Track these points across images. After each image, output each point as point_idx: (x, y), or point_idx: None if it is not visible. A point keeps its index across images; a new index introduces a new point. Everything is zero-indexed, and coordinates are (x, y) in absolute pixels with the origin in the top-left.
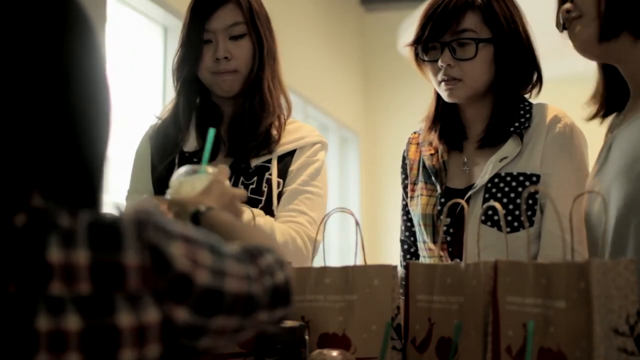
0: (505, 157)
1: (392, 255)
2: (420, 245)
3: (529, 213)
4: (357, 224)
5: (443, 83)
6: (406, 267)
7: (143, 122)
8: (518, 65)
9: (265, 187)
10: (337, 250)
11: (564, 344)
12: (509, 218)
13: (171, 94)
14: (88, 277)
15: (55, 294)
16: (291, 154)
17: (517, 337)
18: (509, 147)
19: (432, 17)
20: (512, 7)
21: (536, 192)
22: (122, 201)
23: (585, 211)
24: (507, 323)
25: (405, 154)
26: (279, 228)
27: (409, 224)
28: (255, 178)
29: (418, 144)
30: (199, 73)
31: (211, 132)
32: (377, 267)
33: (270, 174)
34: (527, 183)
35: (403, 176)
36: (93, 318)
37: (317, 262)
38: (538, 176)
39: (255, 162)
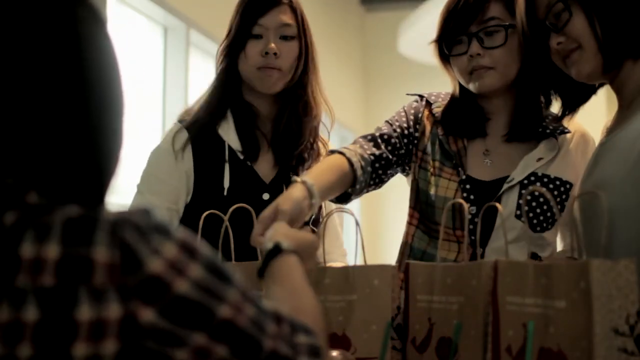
0: (541, 158)
1: (392, 255)
2: (432, 226)
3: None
4: (357, 224)
5: (474, 72)
6: (406, 267)
7: (143, 122)
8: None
9: None
10: None
11: (564, 344)
12: (542, 217)
13: (171, 94)
14: (53, 270)
15: (20, 286)
16: None
17: (517, 337)
18: (545, 148)
19: (455, 10)
20: None
21: (567, 196)
22: (129, 198)
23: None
24: (507, 323)
25: (419, 114)
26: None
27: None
28: None
29: (433, 114)
30: (240, 66)
31: None
32: (377, 267)
33: None
34: (562, 189)
35: (412, 119)
36: (51, 310)
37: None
38: (572, 184)
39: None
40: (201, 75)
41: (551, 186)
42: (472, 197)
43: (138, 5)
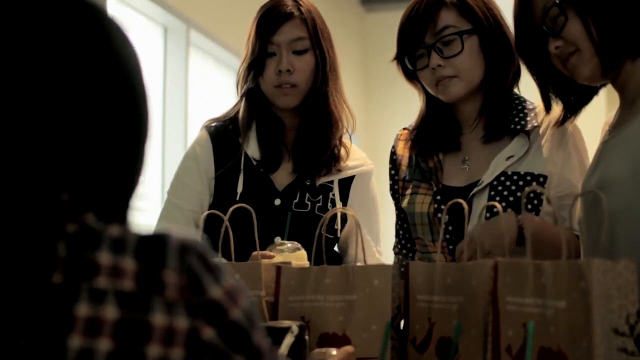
0: (512, 156)
1: (392, 255)
2: (419, 241)
3: (533, 213)
4: (357, 225)
5: (439, 84)
6: (406, 267)
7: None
8: (505, 54)
9: (330, 206)
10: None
11: (564, 344)
12: None
13: (171, 94)
14: (133, 278)
15: (100, 287)
16: (350, 179)
17: (517, 337)
18: (516, 146)
19: (408, 25)
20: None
21: (541, 192)
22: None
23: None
24: (507, 323)
25: (394, 150)
26: None
27: (403, 226)
28: (321, 196)
29: (407, 140)
30: (261, 84)
31: (289, 216)
32: (377, 267)
33: (334, 195)
34: (534, 183)
35: (392, 172)
36: (130, 311)
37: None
38: (545, 177)
39: (319, 181)
40: (201, 75)
41: (521, 183)
42: (442, 206)
43: (138, 5)
